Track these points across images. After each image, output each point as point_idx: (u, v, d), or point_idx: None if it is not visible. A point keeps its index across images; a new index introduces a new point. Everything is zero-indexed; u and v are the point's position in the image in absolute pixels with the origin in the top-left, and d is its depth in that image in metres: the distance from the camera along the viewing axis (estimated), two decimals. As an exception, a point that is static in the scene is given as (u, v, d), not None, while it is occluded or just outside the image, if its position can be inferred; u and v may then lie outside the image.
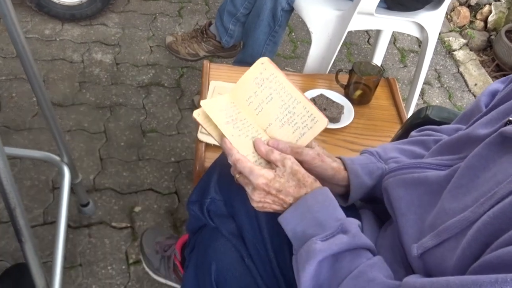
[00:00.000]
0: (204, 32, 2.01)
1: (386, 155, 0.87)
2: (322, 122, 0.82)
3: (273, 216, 0.79)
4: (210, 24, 2.02)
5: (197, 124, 0.95)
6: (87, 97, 1.99)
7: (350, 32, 2.30)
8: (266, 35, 1.82)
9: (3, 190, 0.79)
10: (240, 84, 0.85)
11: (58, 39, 2.22)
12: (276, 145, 0.80)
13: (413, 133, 0.94)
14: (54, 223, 1.55)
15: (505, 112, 0.68)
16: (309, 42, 1.73)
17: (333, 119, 1.37)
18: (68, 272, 1.46)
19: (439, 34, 2.69)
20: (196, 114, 0.81)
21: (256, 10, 1.79)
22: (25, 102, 1.92)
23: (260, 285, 0.84)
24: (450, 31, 2.76)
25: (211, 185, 0.92)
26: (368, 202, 0.90)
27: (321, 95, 1.42)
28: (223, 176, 0.91)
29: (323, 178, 0.83)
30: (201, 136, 1.26)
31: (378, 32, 2.07)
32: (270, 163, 0.78)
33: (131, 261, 1.51)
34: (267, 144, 0.80)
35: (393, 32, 2.36)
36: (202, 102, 0.81)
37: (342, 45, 2.45)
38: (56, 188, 1.66)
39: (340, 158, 0.86)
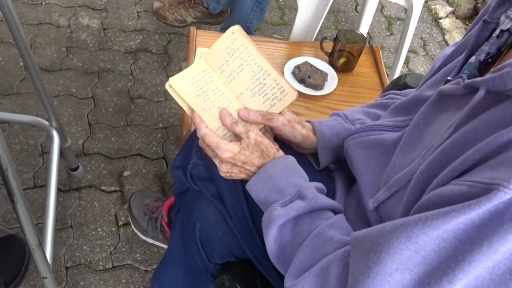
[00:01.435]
0: (191, -3, 2.01)
1: (352, 116, 0.91)
2: (291, 94, 0.86)
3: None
4: (197, -11, 2.02)
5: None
6: (74, 62, 2.00)
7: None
8: (253, 2, 1.82)
9: (9, 188, 0.83)
10: (213, 52, 0.87)
11: (44, 3, 2.20)
12: (247, 113, 0.84)
13: (378, 97, 0.99)
14: (45, 186, 1.59)
15: (446, 72, 0.73)
16: (297, 9, 1.74)
17: (317, 86, 1.40)
18: (59, 233, 1.51)
19: (426, 1, 2.70)
20: (168, 86, 0.85)
21: (243, -24, 1.79)
22: (12, 66, 1.92)
23: (240, 243, 0.89)
24: (438, -1, 2.78)
25: (193, 150, 0.96)
26: (341, 164, 0.94)
27: (306, 63, 1.44)
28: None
29: (294, 143, 0.87)
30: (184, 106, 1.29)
31: (365, -1, 2.08)
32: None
33: (120, 223, 1.56)
34: (238, 114, 0.84)
35: (380, 0, 2.37)
36: (170, 79, 0.85)
37: (329, 13, 2.46)
38: (45, 152, 1.69)
39: (309, 122, 0.90)
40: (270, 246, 0.73)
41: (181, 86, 0.86)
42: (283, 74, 1.43)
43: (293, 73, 1.43)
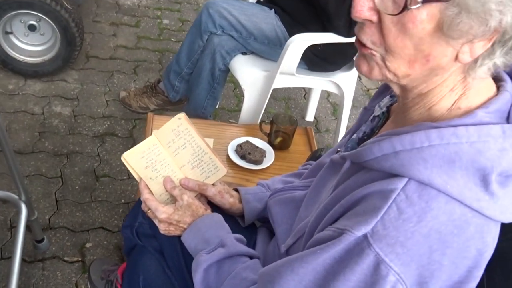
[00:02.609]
0: (154, 88, 2.28)
1: (273, 186, 1.13)
2: (222, 170, 1.10)
3: None
4: (159, 81, 2.29)
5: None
6: (46, 145, 2.20)
7: (288, 89, 2.65)
8: (206, 91, 2.10)
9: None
10: (162, 131, 1.10)
11: (21, 93, 2.44)
12: (187, 182, 1.06)
13: (300, 166, 1.21)
14: (10, 258, 1.72)
15: (341, 143, 0.96)
16: (245, 98, 2.01)
17: (256, 162, 1.63)
18: (21, 301, 1.62)
19: (368, 90, 3.05)
20: (123, 159, 1.07)
21: (197, 70, 2.08)
22: (-13, 150, 2.11)
23: (177, 289, 1.06)
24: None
25: (140, 211, 1.15)
26: (264, 222, 1.15)
27: (247, 142, 1.68)
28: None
29: (221, 207, 1.09)
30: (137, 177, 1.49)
31: (310, 88, 2.39)
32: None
33: (80, 290, 1.69)
34: (180, 182, 1.06)
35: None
36: (124, 153, 1.07)
37: (280, 100, 2.77)
38: (13, 227, 1.83)
39: (237, 189, 1.12)
40: (198, 287, 0.91)
41: (133, 159, 1.07)
42: (228, 152, 1.65)
43: (236, 150, 1.66)
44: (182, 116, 1.10)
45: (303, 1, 1.90)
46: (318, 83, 2.06)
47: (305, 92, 2.93)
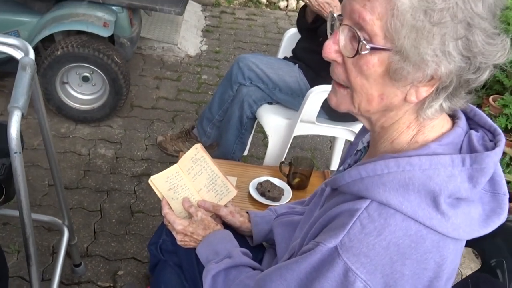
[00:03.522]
0: (188, 133, 2.51)
1: (280, 211, 1.29)
2: (233, 192, 1.27)
3: None
4: (193, 127, 2.52)
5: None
6: (89, 182, 2.44)
7: (314, 140, 2.84)
8: (235, 137, 2.29)
9: (28, 253, 1.21)
10: (183, 159, 1.29)
11: (71, 136, 2.72)
12: (203, 203, 1.23)
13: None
14: (50, 280, 1.91)
15: (332, 172, 1.11)
16: (270, 144, 2.20)
17: (274, 199, 1.78)
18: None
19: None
20: (150, 181, 1.25)
21: (227, 117, 2.29)
22: (38, 184, 2.36)
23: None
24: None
25: (164, 230, 1.32)
26: (272, 244, 1.29)
27: (267, 181, 1.84)
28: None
29: (232, 226, 1.25)
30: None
31: (334, 139, 2.56)
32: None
33: (110, 312, 1.84)
34: (198, 203, 1.23)
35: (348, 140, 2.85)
36: (151, 177, 1.26)
37: (307, 150, 2.93)
38: (55, 252, 2.03)
39: (247, 212, 1.28)
40: None
41: (159, 182, 1.26)
42: (249, 189, 1.82)
43: (256, 188, 1.82)
44: (198, 146, 1.30)
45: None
46: (337, 132, 2.22)
47: (331, 144, 3.09)
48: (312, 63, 2.16)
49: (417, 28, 0.70)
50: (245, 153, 2.69)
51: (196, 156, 1.29)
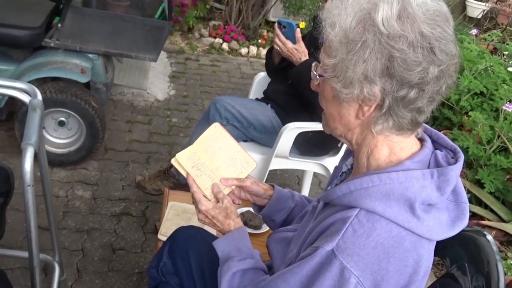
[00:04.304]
0: (166, 172, 2.62)
1: (297, 196, 1.42)
2: (252, 164, 1.34)
3: (199, 270, 1.30)
4: (171, 166, 2.63)
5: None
6: (69, 223, 2.49)
7: (283, 176, 3.01)
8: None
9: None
10: (202, 139, 1.34)
11: (48, 179, 2.77)
12: (226, 181, 1.30)
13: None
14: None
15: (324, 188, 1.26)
16: (244, 178, 2.34)
17: (256, 227, 1.91)
18: None
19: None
20: (173, 161, 1.31)
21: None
22: (18, 226, 2.39)
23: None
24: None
25: (164, 253, 1.42)
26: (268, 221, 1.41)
27: (248, 211, 1.98)
28: (172, 247, 1.42)
29: (257, 194, 1.35)
30: (161, 237, 1.77)
31: (303, 174, 2.73)
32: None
33: None
34: (220, 181, 1.29)
35: (318, 175, 3.04)
36: (177, 155, 1.30)
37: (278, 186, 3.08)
38: (40, 291, 2.06)
39: (272, 185, 1.39)
40: (224, 286, 1.14)
41: (182, 160, 1.31)
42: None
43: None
44: (217, 124, 1.36)
45: (293, 96, 2.31)
46: (308, 166, 2.40)
47: (298, 179, 3.26)
48: (284, 103, 2.35)
49: (343, 60, 0.91)
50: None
51: (215, 134, 1.34)
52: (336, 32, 0.91)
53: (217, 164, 1.33)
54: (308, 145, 2.33)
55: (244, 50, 5.27)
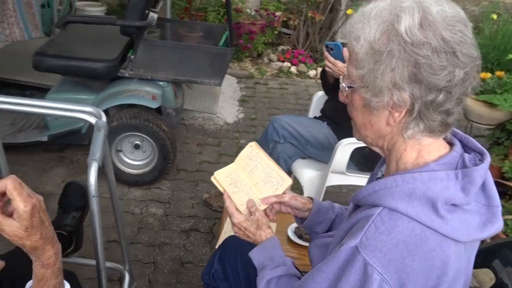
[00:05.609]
0: (230, 190, 2.75)
1: (336, 207, 1.46)
2: (288, 181, 1.40)
3: (246, 276, 1.39)
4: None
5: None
6: (142, 238, 2.68)
7: (349, 194, 3.03)
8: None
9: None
10: (239, 158, 1.45)
11: (125, 198, 3.01)
12: (265, 200, 1.38)
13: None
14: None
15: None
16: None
17: (307, 240, 1.97)
18: None
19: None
20: (213, 178, 1.41)
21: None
22: (98, 241, 2.61)
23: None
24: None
25: (215, 260, 1.53)
26: (311, 232, 1.46)
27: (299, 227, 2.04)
28: (222, 254, 1.53)
29: (296, 208, 1.41)
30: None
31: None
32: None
33: None
34: (261, 200, 1.37)
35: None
36: (215, 173, 1.41)
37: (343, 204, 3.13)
38: (115, 300, 2.24)
39: (311, 198, 1.45)
40: None
41: (221, 178, 1.41)
42: (288, 232, 2.02)
43: (294, 231, 2.02)
44: (253, 144, 1.45)
45: (347, 112, 2.35)
46: (365, 181, 2.41)
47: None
48: (339, 120, 2.41)
49: (371, 70, 0.96)
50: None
51: (251, 153, 1.43)
52: (361, 45, 0.97)
53: (254, 181, 1.41)
54: (365, 160, 2.35)
55: (312, 72, 5.37)
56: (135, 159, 3.12)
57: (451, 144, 1.06)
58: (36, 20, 3.07)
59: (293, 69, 5.39)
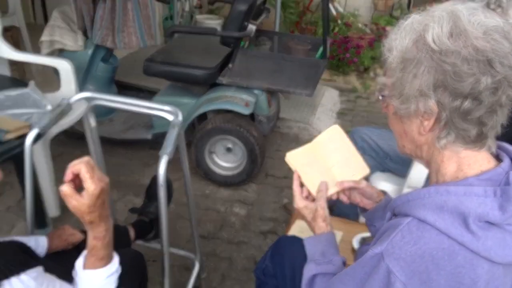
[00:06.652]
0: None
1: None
2: (366, 170, 1.39)
3: (291, 275, 1.46)
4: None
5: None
6: (223, 234, 2.85)
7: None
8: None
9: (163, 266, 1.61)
10: (319, 138, 1.43)
11: (213, 196, 3.21)
12: (342, 184, 1.40)
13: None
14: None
15: None
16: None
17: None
18: None
19: None
20: (287, 158, 1.40)
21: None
22: (183, 232, 2.83)
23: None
24: None
25: (267, 257, 1.61)
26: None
27: (370, 236, 2.04)
28: (273, 252, 1.61)
29: (370, 197, 1.43)
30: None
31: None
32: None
33: None
34: (336, 184, 1.39)
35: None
36: (289, 153, 1.39)
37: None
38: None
39: (384, 192, 1.46)
40: (303, 283, 1.29)
41: (295, 157, 1.41)
42: (353, 242, 2.03)
43: (360, 242, 2.03)
44: (336, 126, 1.44)
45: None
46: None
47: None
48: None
49: (400, 78, 0.99)
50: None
51: (333, 136, 1.41)
52: (394, 55, 1.01)
53: (330, 163, 1.38)
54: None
55: (418, 88, 5.20)
56: (226, 161, 3.30)
57: (500, 160, 1.02)
58: (152, 30, 3.40)
59: (399, 84, 5.27)
